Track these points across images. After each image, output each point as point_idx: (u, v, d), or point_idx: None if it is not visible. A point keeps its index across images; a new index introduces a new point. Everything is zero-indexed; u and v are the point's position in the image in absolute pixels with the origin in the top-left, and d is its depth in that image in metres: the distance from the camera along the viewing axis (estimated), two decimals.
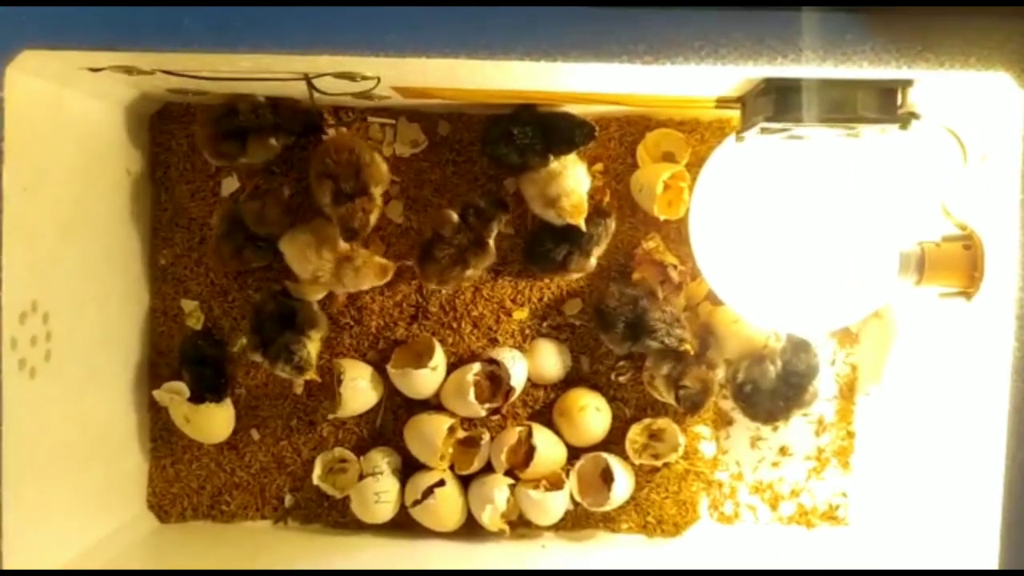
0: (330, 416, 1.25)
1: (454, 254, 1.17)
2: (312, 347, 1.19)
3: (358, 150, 1.13)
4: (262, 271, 1.25)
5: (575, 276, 1.24)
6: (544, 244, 1.22)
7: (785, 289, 1.09)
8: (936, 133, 1.02)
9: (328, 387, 1.25)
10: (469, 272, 1.18)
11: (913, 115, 0.94)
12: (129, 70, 0.98)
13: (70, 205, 1.06)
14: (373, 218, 1.15)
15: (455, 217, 1.17)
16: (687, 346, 1.17)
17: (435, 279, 1.18)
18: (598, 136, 1.19)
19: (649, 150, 1.25)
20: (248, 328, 1.20)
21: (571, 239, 1.20)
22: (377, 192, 1.15)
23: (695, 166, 1.19)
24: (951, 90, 0.95)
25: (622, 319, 1.17)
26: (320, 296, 1.21)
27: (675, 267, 1.21)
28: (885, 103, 0.94)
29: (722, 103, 1.10)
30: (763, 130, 1.00)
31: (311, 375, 1.19)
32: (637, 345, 1.18)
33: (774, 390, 1.18)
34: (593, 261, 1.22)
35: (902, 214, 1.05)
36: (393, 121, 1.24)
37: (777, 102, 0.95)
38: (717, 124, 1.25)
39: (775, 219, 1.08)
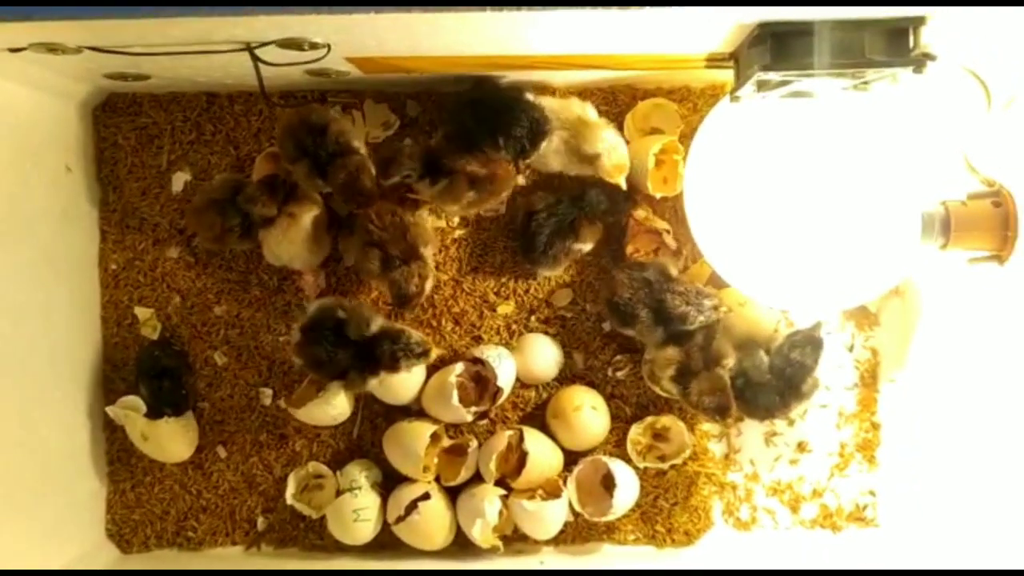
0: (291, 410, 1.14)
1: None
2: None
3: (400, 211, 1.09)
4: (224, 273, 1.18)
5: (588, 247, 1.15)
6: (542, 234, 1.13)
7: (794, 264, 1.02)
8: (955, 76, 0.95)
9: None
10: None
11: (928, 56, 0.86)
12: (52, 48, 0.90)
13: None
14: (429, 284, 1.09)
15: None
16: (725, 309, 1.08)
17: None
18: None
19: (637, 123, 1.17)
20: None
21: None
22: (428, 254, 1.10)
23: (688, 138, 1.11)
24: (970, 25, 0.86)
25: (643, 306, 1.08)
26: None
27: (668, 232, 1.15)
28: (896, 44, 0.86)
29: (713, 61, 1.01)
30: (760, 85, 0.92)
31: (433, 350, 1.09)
32: (671, 327, 1.08)
33: (768, 384, 1.10)
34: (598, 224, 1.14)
35: (921, 171, 0.98)
36: (356, 101, 1.16)
37: (774, 49, 0.87)
38: (710, 91, 1.16)
39: (778, 187, 1.01)
